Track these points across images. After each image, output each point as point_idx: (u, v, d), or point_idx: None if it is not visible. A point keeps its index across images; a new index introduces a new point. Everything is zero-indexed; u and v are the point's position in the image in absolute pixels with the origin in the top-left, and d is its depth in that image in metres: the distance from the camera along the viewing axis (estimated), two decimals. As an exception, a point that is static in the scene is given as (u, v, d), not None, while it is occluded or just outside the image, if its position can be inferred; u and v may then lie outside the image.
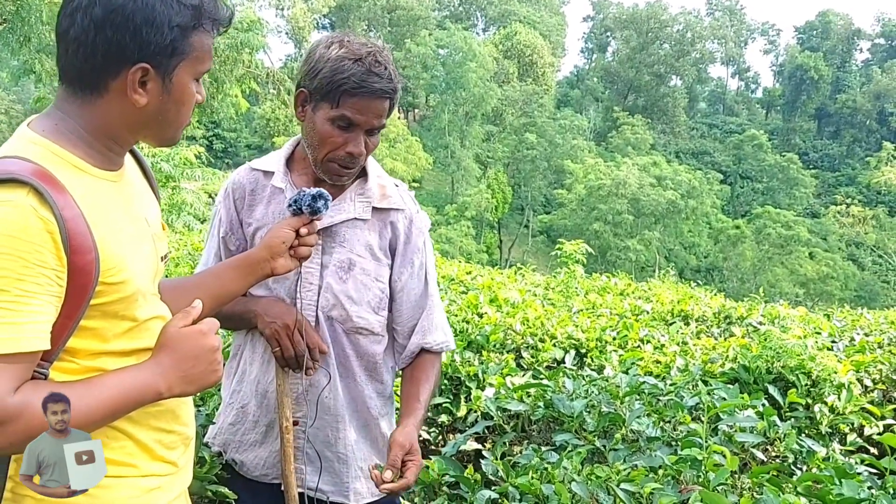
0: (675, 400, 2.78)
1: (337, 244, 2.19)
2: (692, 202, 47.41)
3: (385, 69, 2.05)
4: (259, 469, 2.26)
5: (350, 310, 2.17)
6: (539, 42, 65.95)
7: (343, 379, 2.22)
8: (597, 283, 7.60)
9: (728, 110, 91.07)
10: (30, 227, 1.30)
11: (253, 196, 2.24)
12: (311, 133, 2.11)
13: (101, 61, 1.43)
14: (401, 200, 2.27)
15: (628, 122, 62.38)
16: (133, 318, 1.52)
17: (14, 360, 1.31)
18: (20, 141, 1.46)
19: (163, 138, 1.59)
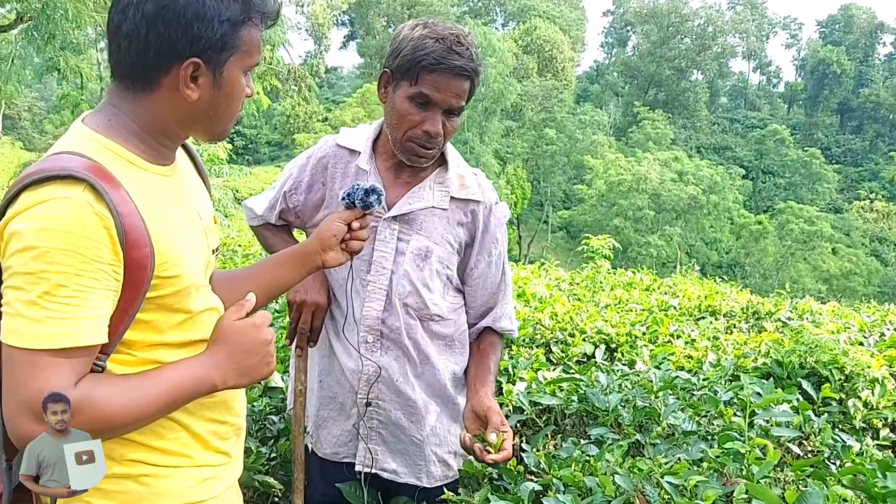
0: (709, 394, 2.77)
1: (414, 231, 2.22)
2: (714, 197, 47.12)
3: (466, 49, 2.07)
4: (330, 447, 2.31)
5: (426, 297, 2.21)
6: (559, 37, 65.69)
7: (418, 364, 2.26)
8: (622, 279, 7.57)
9: (750, 105, 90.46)
10: (87, 223, 1.33)
11: (335, 169, 2.27)
12: (391, 112, 2.14)
13: (152, 57, 1.45)
14: (479, 191, 2.29)
15: (649, 116, 62.02)
16: (187, 310, 1.54)
17: (73, 354, 1.34)
18: (75, 136, 1.48)
19: (213, 132, 1.61)
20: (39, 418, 1.31)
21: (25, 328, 1.31)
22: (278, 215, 2.40)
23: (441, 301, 2.26)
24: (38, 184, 1.35)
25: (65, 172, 1.35)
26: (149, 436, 1.52)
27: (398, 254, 2.22)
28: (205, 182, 1.79)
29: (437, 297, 2.25)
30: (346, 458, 2.30)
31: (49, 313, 1.31)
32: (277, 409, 2.89)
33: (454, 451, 2.36)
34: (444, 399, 2.31)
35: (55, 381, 1.32)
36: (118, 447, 1.49)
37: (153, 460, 1.53)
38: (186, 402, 1.51)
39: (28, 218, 1.32)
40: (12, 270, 1.33)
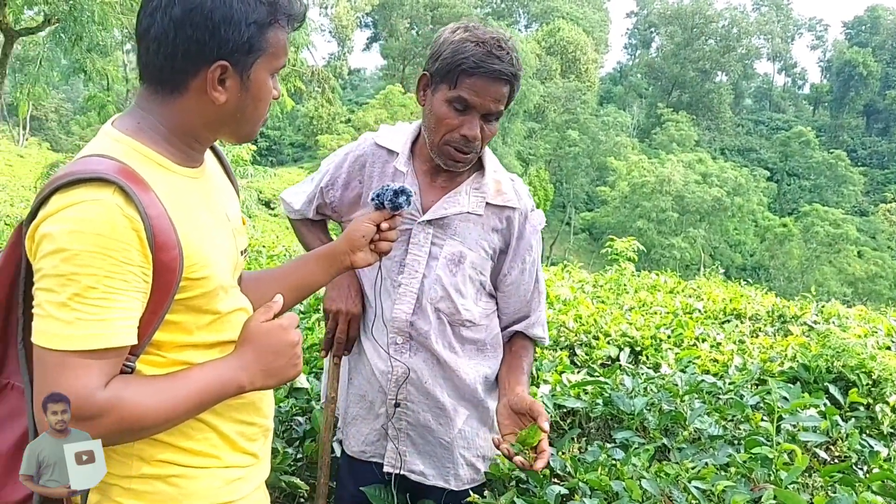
0: (735, 399, 2.76)
1: (448, 236, 2.21)
2: (738, 199, 46.80)
3: (507, 53, 2.04)
4: (358, 445, 2.32)
5: (458, 303, 2.21)
6: (582, 38, 65.56)
7: (447, 367, 2.25)
8: (646, 281, 7.55)
9: (774, 107, 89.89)
10: (116, 226, 1.33)
11: (372, 168, 2.27)
12: (429, 115, 2.13)
13: (181, 60, 1.45)
14: (515, 198, 2.28)
15: (672, 118, 61.75)
16: (215, 311, 1.55)
17: (103, 355, 1.35)
18: (105, 139, 1.49)
19: (241, 135, 1.61)
20: (71, 419, 1.32)
21: (56, 329, 1.32)
22: (316, 210, 2.42)
23: (473, 307, 2.25)
24: (68, 186, 1.35)
25: (95, 175, 1.36)
26: (178, 436, 1.52)
27: (431, 258, 2.21)
28: (233, 184, 1.80)
29: (470, 303, 2.24)
30: (373, 457, 2.31)
31: (79, 315, 1.32)
32: (303, 410, 2.90)
33: (482, 454, 2.36)
34: (473, 402, 2.31)
35: (85, 382, 1.33)
36: (148, 447, 1.50)
37: (182, 461, 1.53)
38: (215, 403, 1.52)
39: (59, 220, 1.33)
40: (43, 272, 1.33)
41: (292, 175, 43.94)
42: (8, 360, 1.49)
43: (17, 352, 1.46)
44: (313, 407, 2.80)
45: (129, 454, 1.50)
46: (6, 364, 1.49)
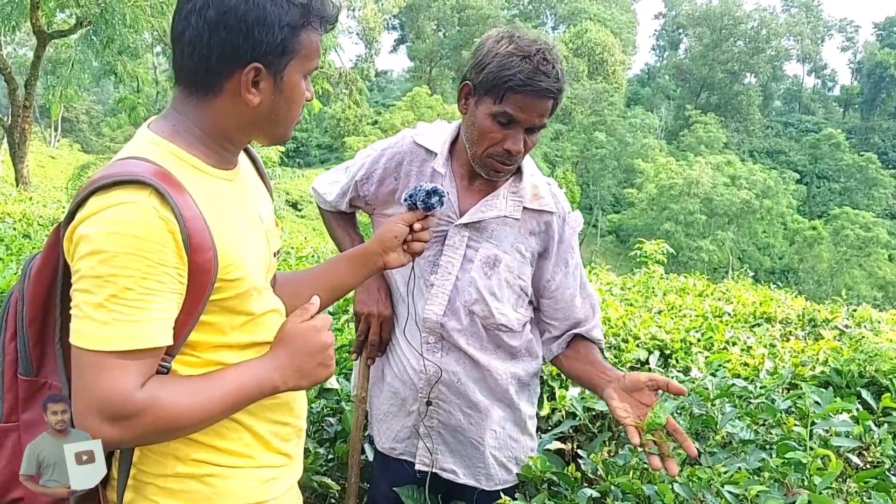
0: (766, 403, 2.74)
1: (484, 239, 2.21)
2: (767, 202, 46.43)
3: (553, 68, 2.03)
4: (388, 441, 2.33)
5: (493, 306, 2.20)
6: (609, 40, 65.39)
7: (479, 368, 2.25)
8: (675, 284, 7.50)
9: (804, 108, 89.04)
10: (152, 227, 1.34)
11: (409, 167, 2.27)
12: (472, 127, 2.12)
13: (215, 62, 1.46)
14: (553, 202, 2.28)
15: (701, 120, 61.39)
16: (249, 312, 1.56)
17: (140, 356, 1.36)
18: (141, 142, 1.51)
19: (274, 136, 1.62)
20: (108, 418, 1.34)
21: (93, 330, 1.33)
22: (349, 203, 2.42)
23: (510, 312, 2.25)
24: (106, 188, 1.37)
25: (131, 177, 1.37)
26: (212, 436, 1.54)
27: (466, 260, 2.21)
28: (266, 186, 1.81)
29: (506, 308, 2.24)
30: (403, 455, 2.32)
31: (116, 316, 1.33)
32: (334, 410, 2.91)
33: (515, 455, 2.35)
34: (506, 403, 2.31)
35: (122, 383, 1.34)
36: (183, 447, 1.52)
37: (216, 460, 1.55)
38: (249, 404, 1.53)
39: (96, 222, 1.34)
40: (81, 274, 1.35)
41: (319, 176, 44.01)
42: (46, 359, 1.51)
43: (55, 352, 1.48)
44: (344, 408, 2.81)
45: (165, 453, 1.51)
46: (44, 364, 1.51)
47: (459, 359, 2.24)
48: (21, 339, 1.50)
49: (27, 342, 1.49)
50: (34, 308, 1.49)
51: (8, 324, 1.52)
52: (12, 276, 4.09)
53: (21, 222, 8.84)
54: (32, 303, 1.49)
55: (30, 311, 1.49)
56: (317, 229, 32.44)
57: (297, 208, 43.49)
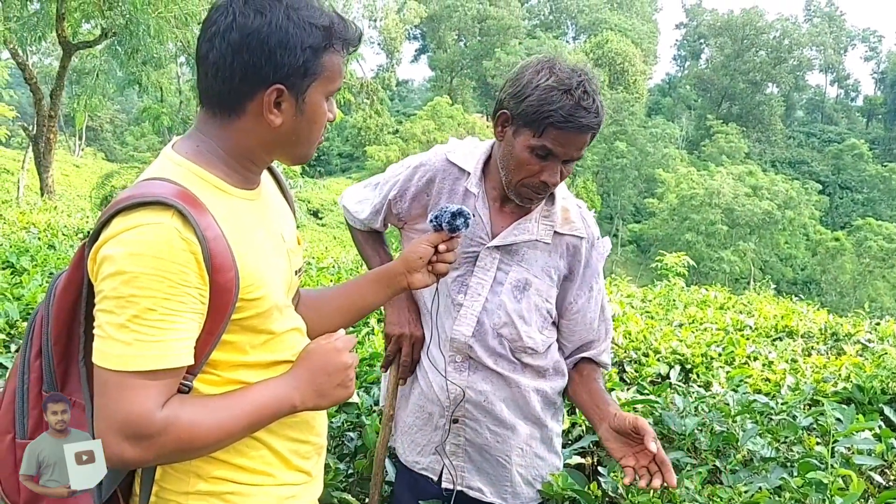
0: (788, 420, 2.73)
1: (515, 263, 2.22)
2: (789, 213, 46.11)
3: (593, 102, 2.01)
4: (413, 454, 2.33)
5: (521, 329, 2.21)
6: (630, 50, 65.22)
7: (506, 386, 2.26)
8: (696, 296, 7.46)
9: (827, 119, 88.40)
10: (174, 249, 1.36)
11: (442, 184, 2.27)
12: (509, 156, 2.11)
13: (238, 83, 1.48)
14: (583, 226, 2.28)
15: (722, 130, 61.12)
16: (270, 331, 1.57)
17: (161, 376, 1.38)
18: (165, 163, 1.53)
19: (296, 156, 1.63)
20: (129, 438, 1.35)
21: (116, 350, 1.35)
22: (383, 222, 2.43)
23: (537, 335, 2.25)
24: (129, 209, 1.39)
25: (154, 199, 1.39)
26: (233, 454, 1.55)
27: (496, 283, 2.22)
28: (290, 204, 1.83)
29: (534, 331, 2.24)
30: (425, 470, 2.32)
31: (138, 336, 1.35)
32: (354, 425, 2.92)
33: (540, 474, 2.35)
34: (532, 420, 2.31)
35: (143, 403, 1.36)
36: (204, 464, 1.53)
37: (237, 478, 1.56)
38: (269, 422, 1.54)
39: (119, 243, 1.36)
40: (104, 294, 1.37)
41: (340, 185, 44.21)
42: (70, 377, 1.53)
43: (79, 370, 1.50)
44: (364, 422, 2.82)
45: (187, 471, 1.53)
46: (68, 381, 1.53)
47: (487, 377, 2.24)
48: (46, 356, 1.51)
49: (52, 360, 1.51)
50: (59, 326, 1.51)
51: (34, 341, 1.54)
52: (38, 289, 4.13)
53: (46, 232, 8.92)
54: (57, 321, 1.51)
55: (54, 330, 1.51)
56: (337, 238, 32.55)
57: (318, 217, 43.65)
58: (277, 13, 1.47)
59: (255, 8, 1.47)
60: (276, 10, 1.47)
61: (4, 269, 5.33)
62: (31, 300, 3.84)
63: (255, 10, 1.46)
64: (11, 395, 1.53)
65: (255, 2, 1.47)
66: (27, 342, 1.55)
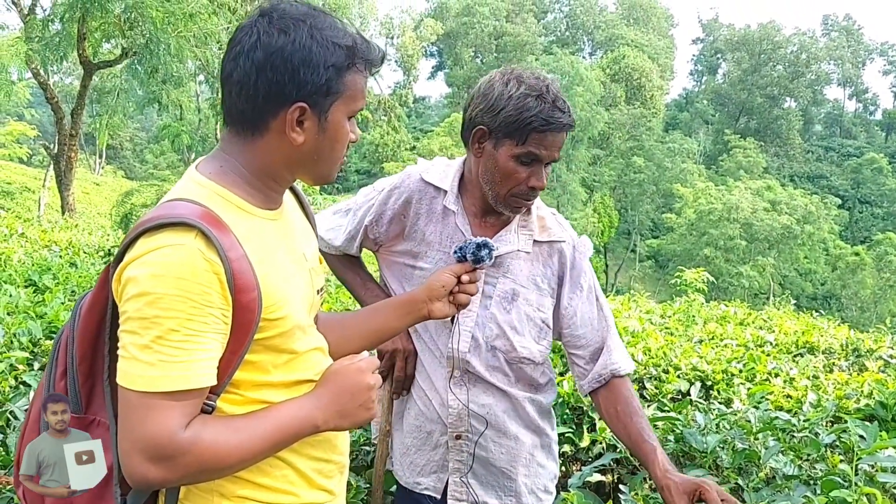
0: (810, 437, 2.71)
1: (500, 275, 2.25)
2: (808, 227, 45.79)
3: (563, 102, 2.09)
4: (413, 476, 2.34)
5: (514, 340, 2.23)
6: (647, 65, 65.18)
7: (505, 398, 2.28)
8: (715, 312, 7.43)
9: (845, 133, 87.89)
10: (197, 269, 1.38)
11: (419, 205, 2.29)
12: (493, 170, 2.15)
13: (261, 102, 1.50)
14: (560, 230, 2.32)
15: (740, 144, 60.86)
16: (292, 350, 1.58)
17: (184, 396, 1.39)
18: (189, 183, 1.55)
19: (318, 176, 1.64)
20: (152, 458, 1.36)
21: (139, 371, 1.36)
22: (359, 247, 2.43)
23: (532, 345, 2.27)
24: (153, 230, 1.40)
25: (177, 220, 1.40)
26: (255, 473, 1.55)
27: (485, 297, 2.25)
28: (311, 223, 1.84)
29: (528, 342, 2.26)
30: (427, 490, 2.32)
31: (162, 357, 1.36)
32: (370, 440, 2.93)
33: (543, 483, 2.37)
34: (533, 429, 2.34)
35: (167, 423, 1.37)
36: (227, 483, 1.54)
37: (260, 497, 1.56)
38: (292, 442, 1.55)
39: (143, 264, 1.38)
40: (128, 315, 1.38)
41: (358, 202, 44.25)
42: (94, 396, 1.54)
43: (104, 390, 1.51)
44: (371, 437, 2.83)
45: (210, 489, 1.53)
46: (93, 400, 1.53)
47: (487, 389, 2.26)
48: (71, 377, 1.52)
49: (77, 380, 1.52)
50: (83, 347, 1.52)
51: (59, 361, 1.55)
52: (60, 307, 4.16)
53: (67, 250, 8.99)
54: (82, 341, 1.52)
55: (79, 350, 1.52)
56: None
57: (335, 234, 43.70)
58: (301, 32, 1.49)
59: (280, 27, 1.49)
60: (301, 30, 1.49)
61: (27, 287, 5.38)
62: (54, 318, 3.87)
63: (280, 30, 1.49)
64: (37, 414, 1.54)
65: (280, 21, 1.50)
66: (52, 362, 1.56)
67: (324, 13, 1.56)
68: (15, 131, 32.98)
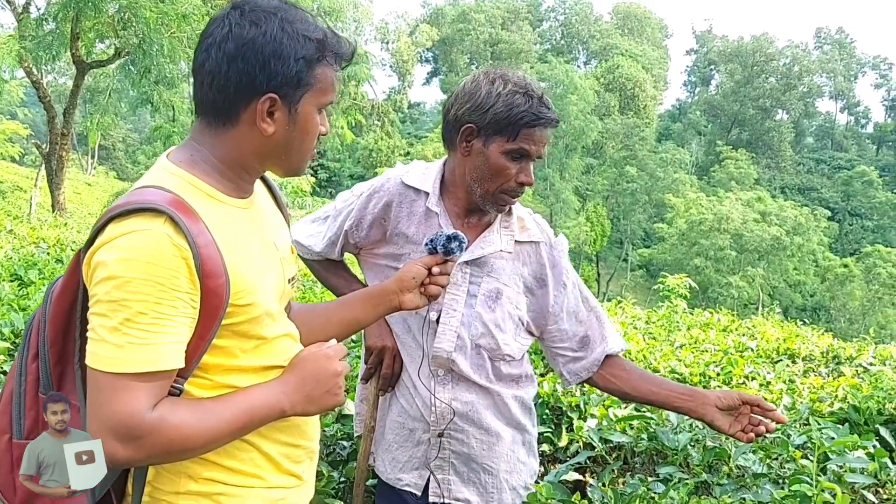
0: (782, 438, 2.74)
1: (485, 274, 2.28)
2: (798, 239, 45.92)
3: (548, 100, 2.15)
4: (394, 472, 2.35)
5: (499, 338, 2.26)
6: (641, 75, 65.36)
7: (488, 396, 2.31)
8: (699, 319, 7.47)
9: (837, 145, 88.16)
10: (165, 254, 1.40)
11: (399, 209, 2.31)
12: (483, 167, 2.18)
13: (232, 92, 1.53)
14: (539, 231, 2.36)
15: (732, 156, 61.01)
16: (261, 336, 1.60)
17: (152, 378, 1.42)
18: (160, 171, 1.57)
19: (288, 167, 1.67)
20: (120, 438, 1.39)
21: (108, 353, 1.39)
22: (340, 252, 2.45)
23: (513, 342, 2.31)
24: (123, 216, 1.43)
25: (147, 206, 1.43)
26: (224, 456, 1.58)
27: (470, 296, 2.27)
28: (284, 214, 1.86)
29: (510, 339, 2.30)
30: (408, 486, 2.34)
31: (130, 339, 1.39)
32: (349, 435, 2.94)
33: (524, 479, 2.40)
34: (515, 426, 2.36)
35: (134, 404, 1.39)
36: (195, 465, 1.56)
37: (227, 479, 1.59)
38: (258, 426, 1.57)
39: (112, 248, 1.41)
40: (97, 298, 1.41)
41: (349, 207, 44.19)
42: (66, 379, 1.56)
43: (75, 372, 1.53)
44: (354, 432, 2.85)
45: (178, 471, 1.56)
46: (64, 383, 1.56)
47: (470, 387, 2.29)
48: (43, 359, 1.55)
49: (48, 363, 1.54)
50: (55, 330, 1.55)
51: (31, 344, 1.57)
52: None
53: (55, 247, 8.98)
54: (53, 325, 1.55)
55: (51, 333, 1.55)
56: (346, 259, 32.50)
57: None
58: (272, 25, 1.52)
59: (251, 20, 1.52)
60: (272, 22, 1.52)
61: (12, 281, 5.39)
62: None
63: (251, 22, 1.52)
64: (9, 396, 1.57)
65: (251, 14, 1.53)
66: (24, 345, 1.59)
67: (295, 7, 1.59)
68: (7, 130, 32.85)
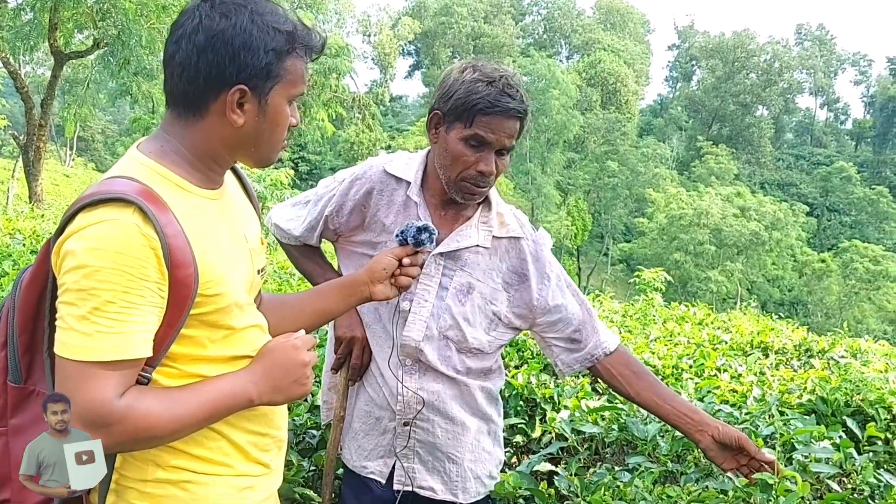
0: (750, 429, 2.78)
1: (458, 268, 2.29)
2: (776, 234, 46.22)
3: (517, 91, 2.14)
4: (360, 459, 2.37)
5: (466, 331, 2.28)
6: (623, 70, 65.53)
7: (455, 385, 2.33)
8: (675, 312, 7.51)
9: (816, 141, 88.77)
10: (134, 244, 1.41)
11: (380, 196, 2.32)
12: (444, 153, 2.20)
13: (202, 83, 1.54)
14: (518, 227, 2.37)
15: (712, 151, 61.29)
16: (229, 326, 1.62)
17: (120, 366, 1.43)
18: (129, 162, 1.58)
19: (259, 159, 1.69)
20: (87, 425, 1.40)
21: (76, 341, 1.40)
22: (319, 237, 2.46)
23: (482, 336, 2.32)
24: (92, 206, 1.44)
25: (116, 196, 1.44)
26: (191, 444, 1.59)
27: (441, 288, 2.29)
28: (254, 206, 1.87)
29: (479, 332, 2.31)
30: (372, 474, 2.36)
31: (98, 328, 1.40)
32: (318, 424, 2.96)
33: (488, 469, 2.42)
34: (481, 416, 2.38)
35: (102, 392, 1.41)
36: (163, 453, 1.57)
37: (194, 467, 1.60)
38: (226, 415, 1.59)
39: (81, 238, 1.42)
40: (66, 287, 1.42)
41: (330, 200, 44.05)
42: (35, 368, 1.57)
43: (44, 360, 1.54)
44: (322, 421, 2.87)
45: (146, 459, 1.57)
46: (33, 371, 1.57)
47: (437, 378, 2.30)
48: (11, 347, 1.56)
49: (17, 351, 1.55)
50: (24, 318, 1.56)
51: None
52: (17, 291, 4.14)
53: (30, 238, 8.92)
54: (22, 313, 1.56)
55: (20, 322, 1.56)
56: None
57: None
58: (242, 17, 1.53)
59: (221, 12, 1.53)
60: (242, 14, 1.54)
61: (-14, 272, 5.35)
62: (10, 302, 3.86)
63: (221, 14, 1.53)
64: None
65: (222, 6, 1.54)
66: None
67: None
68: (-16, 121, 32.59)
